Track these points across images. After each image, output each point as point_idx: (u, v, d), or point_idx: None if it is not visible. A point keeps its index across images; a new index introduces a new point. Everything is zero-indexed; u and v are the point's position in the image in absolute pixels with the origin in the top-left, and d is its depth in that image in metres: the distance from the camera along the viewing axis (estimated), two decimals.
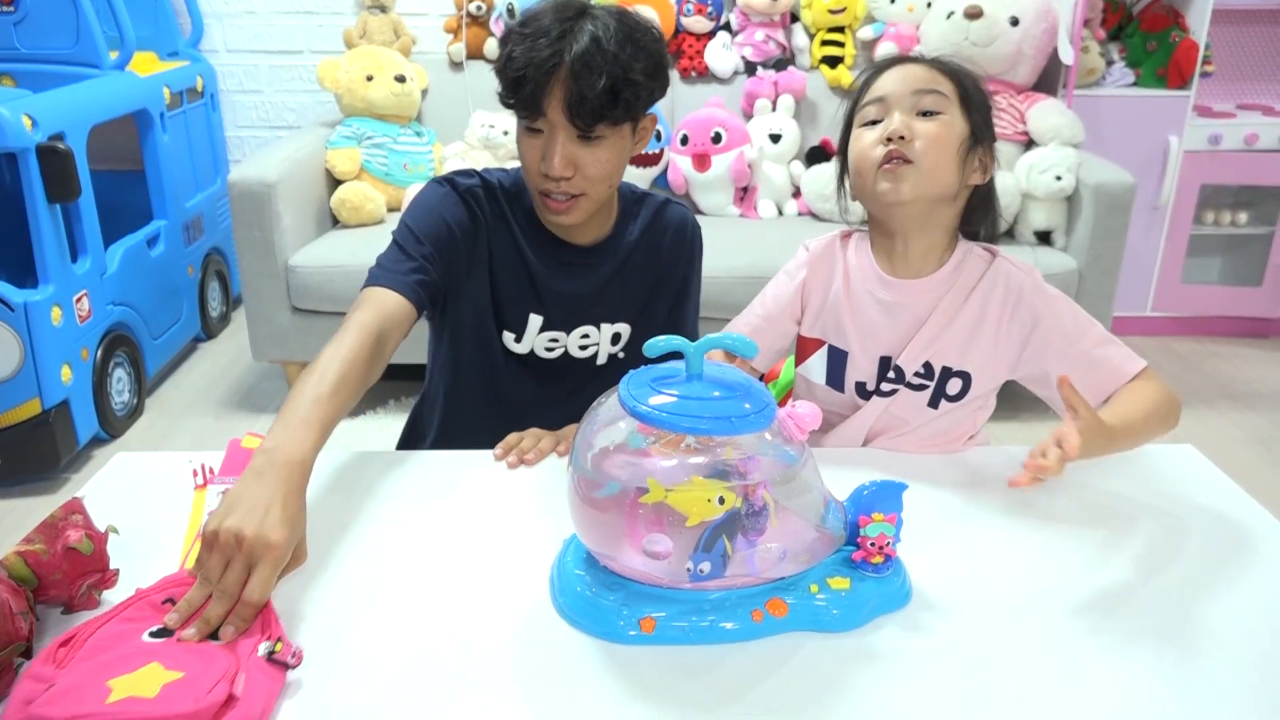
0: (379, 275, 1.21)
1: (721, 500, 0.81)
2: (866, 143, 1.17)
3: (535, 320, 1.34)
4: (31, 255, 2.24)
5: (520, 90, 1.16)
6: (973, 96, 1.17)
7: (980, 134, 1.17)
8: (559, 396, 1.36)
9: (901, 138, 1.13)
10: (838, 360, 1.26)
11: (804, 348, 1.30)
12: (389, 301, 1.18)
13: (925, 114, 1.15)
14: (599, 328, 1.36)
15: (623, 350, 1.39)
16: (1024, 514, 1.06)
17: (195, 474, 1.10)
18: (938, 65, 1.18)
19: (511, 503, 1.07)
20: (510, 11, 3.01)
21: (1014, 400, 2.83)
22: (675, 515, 0.80)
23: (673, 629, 0.83)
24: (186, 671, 0.77)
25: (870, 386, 1.25)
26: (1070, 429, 0.98)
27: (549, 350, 1.36)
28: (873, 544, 0.88)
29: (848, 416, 1.27)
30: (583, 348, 1.37)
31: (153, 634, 0.82)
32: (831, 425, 1.29)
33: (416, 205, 1.29)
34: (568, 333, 1.35)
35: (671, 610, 0.84)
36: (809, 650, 0.83)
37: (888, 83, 1.17)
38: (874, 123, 1.17)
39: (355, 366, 1.08)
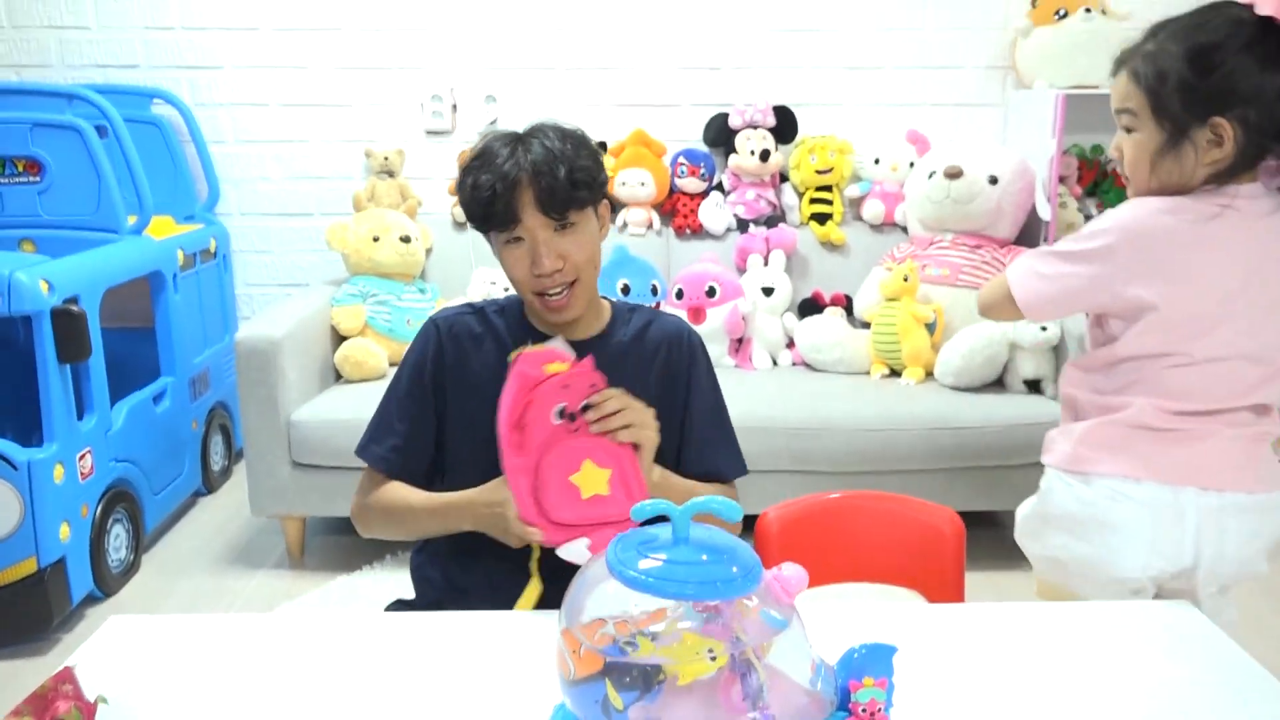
0: (365, 450, 1.42)
1: (713, 655, 0.81)
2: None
3: None
4: (38, 412, 2.28)
5: (494, 206, 1.30)
6: (1165, 102, 1.28)
7: (1182, 129, 1.28)
8: None
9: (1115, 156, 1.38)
10: None
11: None
12: (378, 478, 1.41)
13: (1128, 129, 1.34)
14: None
15: None
16: (1019, 675, 1.05)
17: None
18: (1133, 75, 1.32)
19: (499, 667, 1.06)
20: None
21: (1010, 548, 2.79)
22: (660, 681, 0.81)
23: None
24: (613, 468, 1.17)
25: None
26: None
27: None
28: (864, 710, 0.87)
29: None
30: None
31: (558, 413, 1.18)
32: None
33: (404, 357, 1.45)
34: None
35: None
36: None
37: (1111, 95, 1.37)
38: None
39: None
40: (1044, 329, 2.64)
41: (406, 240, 3.00)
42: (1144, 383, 1.36)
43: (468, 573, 1.38)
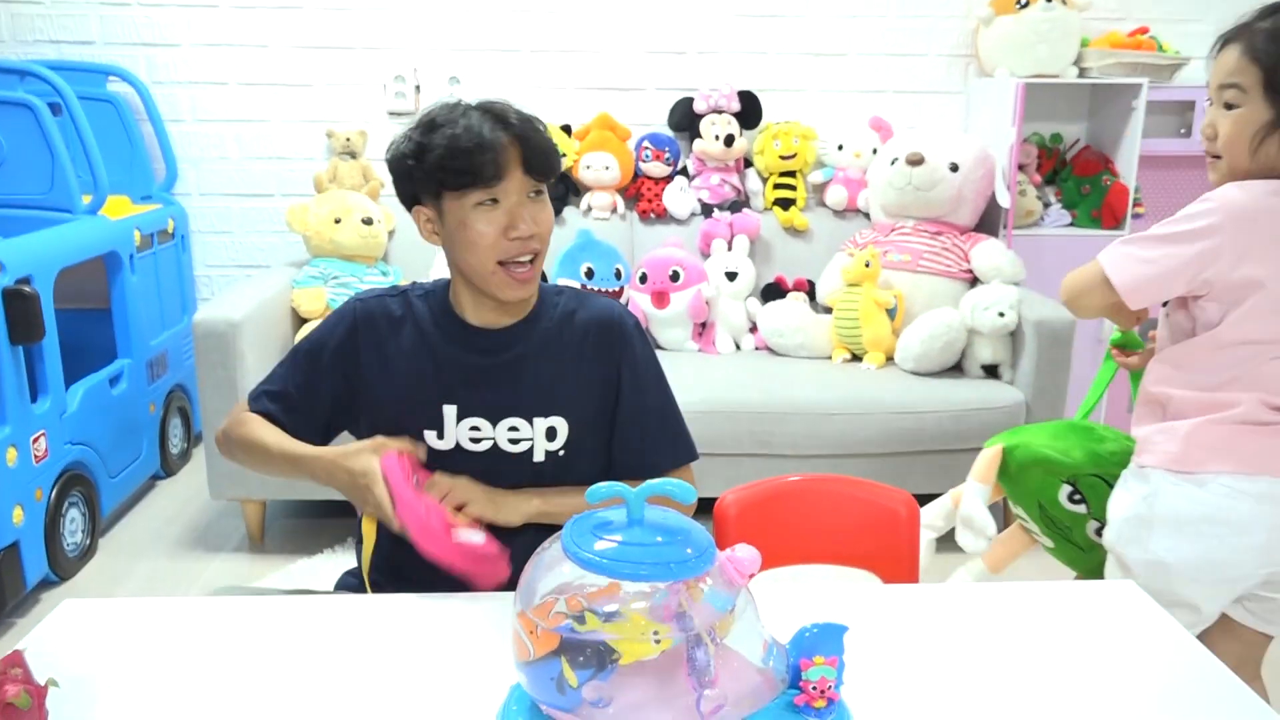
0: (255, 399, 1.40)
1: (658, 638, 0.83)
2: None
3: (449, 410, 1.34)
4: None
5: (479, 158, 1.25)
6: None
7: None
8: None
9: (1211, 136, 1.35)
10: None
11: None
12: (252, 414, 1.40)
13: (1228, 106, 1.33)
14: (530, 422, 1.35)
15: (562, 448, 1.36)
16: (967, 653, 1.07)
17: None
18: (1248, 50, 1.31)
19: (455, 648, 1.07)
20: None
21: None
22: (614, 660, 0.82)
23: None
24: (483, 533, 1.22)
25: None
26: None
27: (475, 442, 1.34)
28: (815, 687, 0.89)
29: None
30: (513, 441, 1.35)
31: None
32: None
33: (319, 324, 1.44)
34: (493, 424, 1.34)
35: None
36: None
37: (1211, 71, 1.36)
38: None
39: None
40: (1001, 315, 2.67)
41: (368, 222, 2.98)
42: (1248, 377, 1.35)
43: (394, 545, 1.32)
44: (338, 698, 0.98)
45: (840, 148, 3.24)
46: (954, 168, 2.91)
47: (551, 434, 1.36)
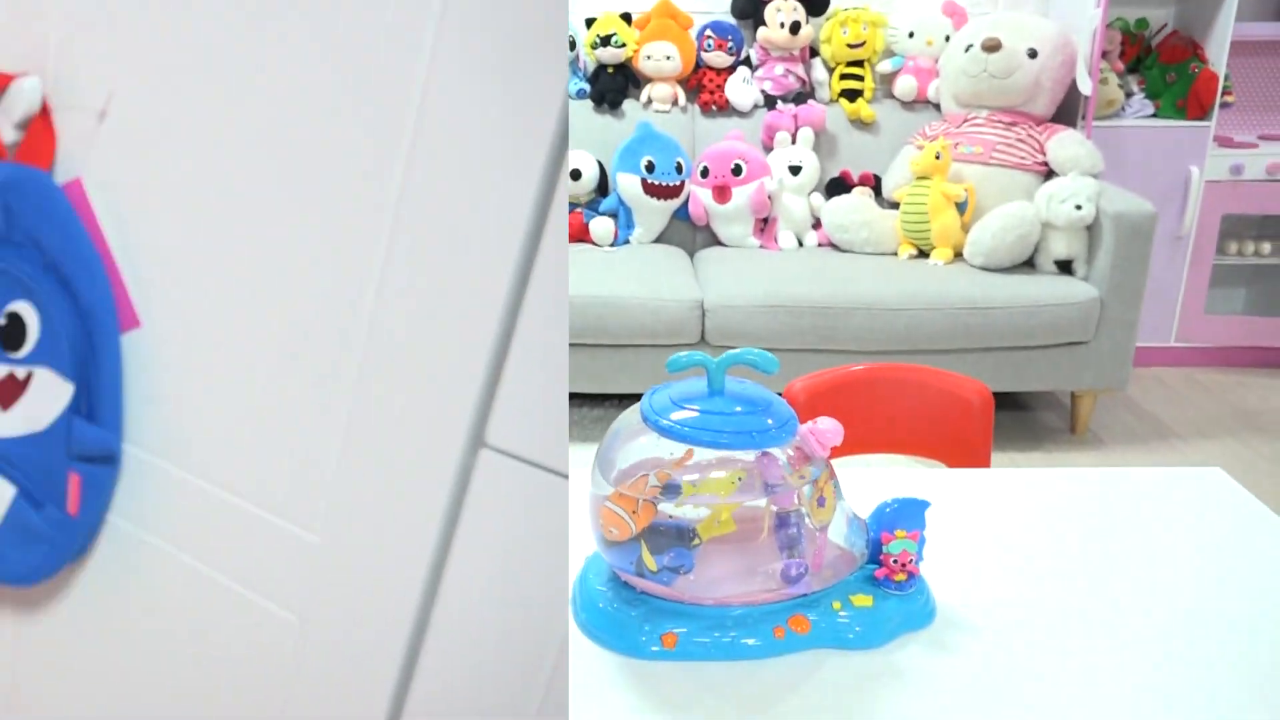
0: None
1: (740, 483, 0.82)
2: None
3: None
4: None
5: None
6: None
7: None
8: None
9: None
10: None
11: None
12: None
13: None
14: None
15: None
16: (1049, 534, 1.05)
17: None
18: None
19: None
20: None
21: (1035, 431, 2.81)
22: (696, 544, 0.81)
23: (694, 645, 0.84)
24: None
25: None
26: None
27: None
28: (895, 561, 0.88)
29: None
30: None
31: None
32: None
33: None
34: None
35: (693, 626, 0.84)
36: (831, 668, 0.83)
37: None
38: None
39: None
40: (1078, 208, 2.57)
41: None
42: None
43: None
44: None
45: (911, 35, 3.09)
46: (1032, 54, 2.77)
47: None
